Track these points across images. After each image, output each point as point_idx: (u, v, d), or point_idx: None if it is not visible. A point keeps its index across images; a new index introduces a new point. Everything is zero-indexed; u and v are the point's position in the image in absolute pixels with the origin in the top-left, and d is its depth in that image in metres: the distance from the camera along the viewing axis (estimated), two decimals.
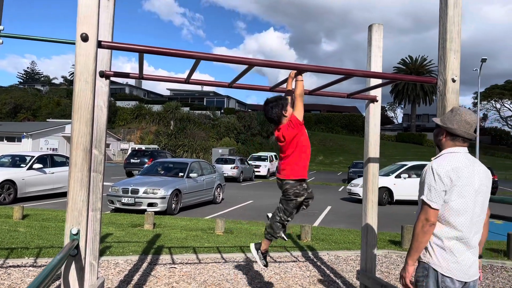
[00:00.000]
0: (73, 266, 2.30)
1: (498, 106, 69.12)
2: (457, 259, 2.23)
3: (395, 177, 15.33)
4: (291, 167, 3.16)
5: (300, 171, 3.16)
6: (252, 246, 3.55)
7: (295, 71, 3.10)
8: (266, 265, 3.61)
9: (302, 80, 3.08)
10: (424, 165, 17.05)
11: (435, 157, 2.38)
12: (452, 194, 2.21)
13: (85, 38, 2.31)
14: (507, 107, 68.86)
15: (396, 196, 15.08)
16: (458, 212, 2.22)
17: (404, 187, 14.84)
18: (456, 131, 2.31)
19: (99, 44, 2.50)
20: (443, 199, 2.22)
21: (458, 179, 2.21)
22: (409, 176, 15.12)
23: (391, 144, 52.92)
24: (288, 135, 3.11)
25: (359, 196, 14.96)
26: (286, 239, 3.58)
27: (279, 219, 3.32)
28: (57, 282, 4.30)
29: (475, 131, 2.37)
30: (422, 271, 2.30)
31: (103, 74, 3.32)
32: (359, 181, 15.68)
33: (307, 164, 3.22)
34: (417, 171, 15.24)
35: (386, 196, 15.03)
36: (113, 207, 11.00)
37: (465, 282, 2.26)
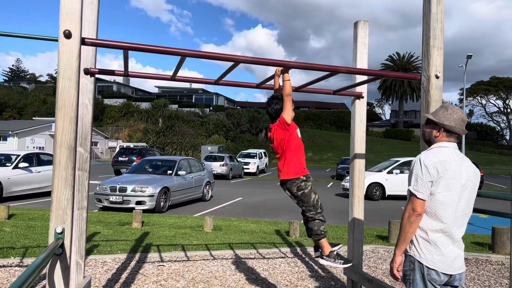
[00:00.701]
0: (58, 265, 2.28)
1: (483, 102, 70.27)
2: (441, 252, 2.27)
3: (387, 172, 15.53)
4: (285, 168, 3.19)
5: (293, 171, 3.16)
6: (320, 260, 3.23)
7: (281, 68, 3.11)
8: (345, 262, 3.14)
9: (289, 80, 3.08)
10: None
11: (424, 151, 2.43)
12: (438, 186, 2.25)
13: (68, 35, 2.28)
14: (492, 103, 70.01)
15: (388, 191, 15.30)
16: (443, 205, 2.26)
17: (396, 183, 15.06)
18: (454, 129, 2.38)
19: (83, 41, 2.47)
20: (429, 190, 2.26)
21: (445, 171, 2.25)
22: (401, 172, 15.31)
23: (379, 140, 53.38)
24: (277, 137, 3.16)
25: None
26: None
27: (311, 217, 3.14)
28: (43, 282, 4.27)
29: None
30: (408, 264, 2.33)
31: (87, 72, 3.28)
32: None
33: (301, 161, 3.20)
34: (410, 166, 15.36)
35: (377, 191, 15.22)
36: (101, 206, 10.91)
37: (450, 275, 2.30)
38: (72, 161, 2.31)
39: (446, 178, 2.25)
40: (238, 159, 27.08)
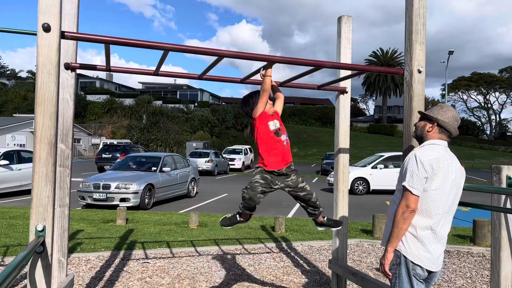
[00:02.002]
0: (39, 264, 2.24)
1: (465, 97, 71.49)
2: (428, 249, 2.30)
3: (372, 167, 15.67)
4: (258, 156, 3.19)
5: (262, 160, 3.14)
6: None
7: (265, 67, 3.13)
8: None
9: (270, 76, 3.06)
10: (400, 156, 17.21)
11: (417, 148, 2.44)
12: (432, 183, 2.27)
13: (47, 28, 2.23)
14: (473, 98, 71.30)
15: (373, 186, 15.45)
16: (435, 202, 2.28)
17: (380, 177, 15.21)
18: (448, 125, 2.41)
19: (63, 35, 2.42)
20: (423, 187, 2.27)
21: (439, 168, 2.27)
22: (386, 167, 15.47)
23: (363, 136, 53.87)
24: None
25: None
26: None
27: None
28: (25, 281, 4.19)
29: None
30: (395, 258, 2.35)
31: (68, 66, 3.22)
32: None
33: (261, 153, 3.13)
34: (394, 161, 15.68)
35: (360, 186, 15.38)
36: (84, 203, 10.77)
37: (432, 271, 2.35)
38: (53, 157, 2.27)
39: (440, 175, 2.27)
40: (224, 155, 27.03)
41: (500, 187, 2.88)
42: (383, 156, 16.26)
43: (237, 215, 3.29)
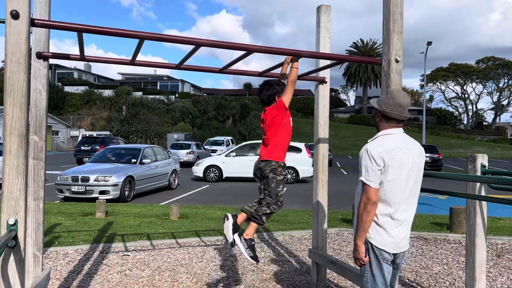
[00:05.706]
0: (12, 258, 2.18)
1: (443, 87, 72.72)
2: (390, 234, 2.37)
3: (225, 155, 16.08)
4: (269, 149, 3.13)
5: (276, 154, 3.11)
6: (235, 237, 3.28)
7: (291, 57, 3.11)
8: (253, 257, 3.28)
9: (297, 68, 3.10)
10: (255, 145, 17.53)
11: (371, 139, 2.45)
12: (387, 175, 2.31)
13: (15, 15, 2.15)
14: (451, 89, 72.60)
15: (225, 174, 15.78)
16: (392, 192, 2.34)
17: (233, 165, 15.56)
18: (390, 114, 2.40)
19: (33, 23, 2.34)
20: (379, 178, 2.32)
21: (392, 160, 2.30)
22: (238, 155, 15.83)
23: (344, 126, 54.44)
24: (269, 117, 3.12)
25: (195, 175, 16.04)
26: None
27: (267, 203, 3.13)
28: None
29: (417, 112, 2.50)
30: (364, 246, 2.42)
31: (40, 56, 3.12)
32: (200, 161, 16.63)
33: (285, 149, 3.17)
34: (249, 150, 15.99)
35: (211, 173, 15.73)
36: (62, 196, 10.58)
37: (396, 253, 2.45)
38: (24, 149, 2.20)
39: (394, 166, 2.31)
40: (205, 147, 26.92)
41: (474, 175, 2.93)
42: (240, 144, 16.80)
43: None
